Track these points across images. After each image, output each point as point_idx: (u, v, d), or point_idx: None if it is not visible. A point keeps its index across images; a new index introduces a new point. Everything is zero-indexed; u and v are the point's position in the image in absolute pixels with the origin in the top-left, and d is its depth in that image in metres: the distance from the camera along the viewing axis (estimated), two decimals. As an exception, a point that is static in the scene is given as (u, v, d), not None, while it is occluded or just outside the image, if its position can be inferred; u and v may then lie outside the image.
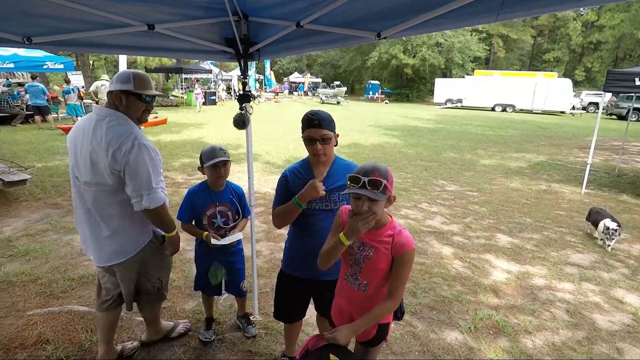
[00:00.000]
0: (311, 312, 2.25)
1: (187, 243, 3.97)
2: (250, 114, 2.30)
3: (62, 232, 4.17)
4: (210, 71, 25.27)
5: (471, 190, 6.55)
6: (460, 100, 28.21)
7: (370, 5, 1.83)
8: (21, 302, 2.87)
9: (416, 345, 2.59)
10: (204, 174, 2.33)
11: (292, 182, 1.86)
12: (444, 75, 33.90)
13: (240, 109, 2.26)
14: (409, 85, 36.91)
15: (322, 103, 27.67)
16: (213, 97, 22.64)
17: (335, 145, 1.84)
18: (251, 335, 2.57)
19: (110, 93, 1.90)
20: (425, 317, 2.89)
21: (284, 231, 2.09)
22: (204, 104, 20.62)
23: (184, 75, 25.49)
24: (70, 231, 4.19)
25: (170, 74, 27.66)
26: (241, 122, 2.24)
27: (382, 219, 1.52)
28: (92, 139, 1.83)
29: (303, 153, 1.86)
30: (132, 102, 1.89)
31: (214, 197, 2.33)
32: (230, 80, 27.99)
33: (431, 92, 32.79)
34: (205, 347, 2.47)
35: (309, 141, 1.77)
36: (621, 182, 7.45)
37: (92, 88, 12.01)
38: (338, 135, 1.83)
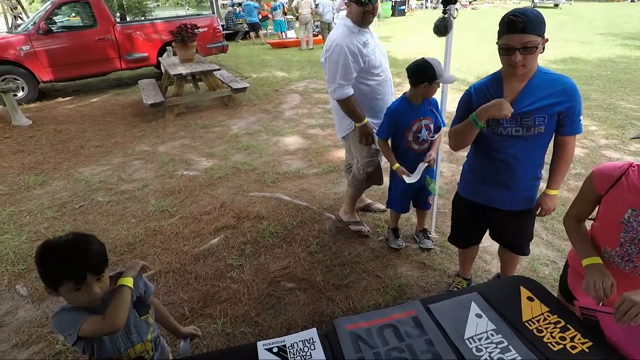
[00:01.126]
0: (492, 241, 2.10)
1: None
2: (454, 17, 2.03)
3: (271, 134, 5.00)
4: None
5: None
6: None
7: None
8: (245, 185, 3.70)
9: None
10: None
11: (476, 101, 1.61)
12: None
13: (444, 12, 2.01)
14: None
15: (534, 7, 22.37)
16: (402, 7, 21.28)
17: (542, 52, 1.43)
18: (426, 247, 2.65)
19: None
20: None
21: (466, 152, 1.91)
22: (392, 15, 19.74)
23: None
24: (277, 134, 4.99)
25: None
26: (443, 27, 2.01)
27: None
28: None
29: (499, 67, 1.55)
30: (353, 7, 2.18)
31: (417, 111, 2.23)
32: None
33: None
34: (385, 252, 2.69)
35: (505, 50, 1.42)
36: None
37: (294, 4, 12.95)
38: (547, 39, 1.42)
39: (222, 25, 11.51)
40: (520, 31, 1.35)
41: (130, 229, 3.04)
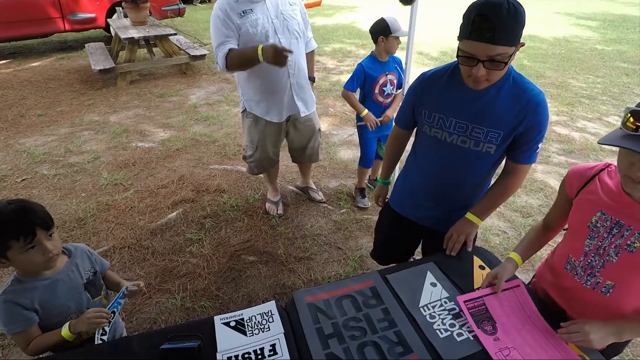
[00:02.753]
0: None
1: (332, 128, 4.15)
2: (419, -14, 1.99)
3: (232, 105, 4.81)
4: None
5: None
6: None
7: None
8: (205, 157, 3.56)
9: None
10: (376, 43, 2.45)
11: (421, 92, 1.37)
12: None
13: (409, -21, 1.96)
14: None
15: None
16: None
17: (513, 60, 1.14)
18: (364, 206, 2.88)
19: None
20: None
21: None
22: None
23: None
24: (238, 104, 4.80)
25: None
26: (408, -3, 1.97)
27: None
28: None
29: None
30: None
31: (384, 67, 2.48)
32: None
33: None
34: (347, 224, 2.72)
35: (466, 59, 1.12)
36: None
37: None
38: (523, 44, 1.14)
39: (179, -13, 10.70)
40: (487, 40, 1.04)
41: (81, 204, 2.86)
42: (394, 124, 1.60)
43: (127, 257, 2.39)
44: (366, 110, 2.53)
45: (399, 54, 2.52)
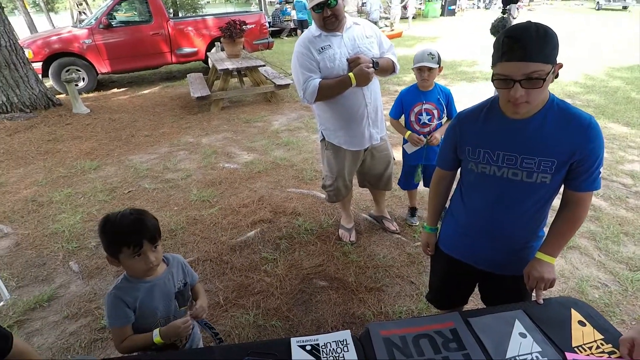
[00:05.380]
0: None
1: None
2: (515, 17, 1.93)
3: (311, 131, 5.02)
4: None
5: None
6: None
7: None
8: (283, 180, 3.74)
9: None
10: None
11: (461, 132, 1.32)
12: None
13: (503, 12, 1.92)
14: None
15: (598, 9, 20.78)
16: (452, 7, 20.69)
17: (553, 81, 1.11)
18: (410, 224, 2.98)
19: None
20: None
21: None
22: (441, 14, 19.28)
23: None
24: (317, 131, 4.99)
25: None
26: (502, 27, 1.94)
27: None
28: None
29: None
30: (313, 14, 2.08)
31: (422, 96, 2.51)
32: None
33: None
34: (421, 259, 2.62)
35: (502, 82, 1.09)
36: None
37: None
38: (561, 65, 1.10)
39: (269, 22, 11.71)
40: (520, 58, 1.04)
41: (173, 217, 3.17)
42: (436, 167, 1.53)
43: (208, 270, 2.57)
44: (408, 132, 2.59)
45: (453, 84, 2.47)
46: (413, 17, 17.22)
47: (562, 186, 1.26)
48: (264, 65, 6.33)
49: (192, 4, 17.96)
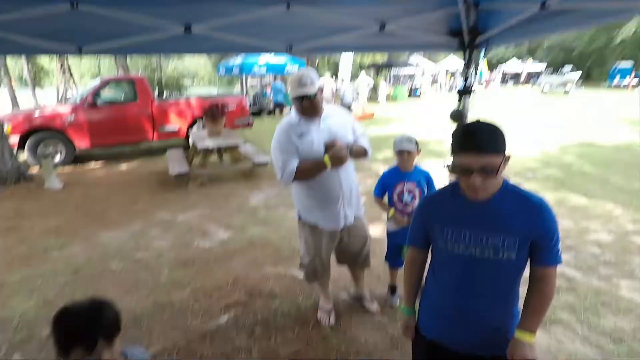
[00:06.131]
0: None
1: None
2: (469, 109, 2.14)
3: (289, 208, 5.03)
4: (416, 65, 25.32)
5: None
6: None
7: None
8: (260, 259, 3.64)
9: None
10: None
11: (428, 210, 1.43)
12: None
13: (459, 100, 2.13)
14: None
15: (543, 92, 23.43)
16: (417, 90, 23.04)
17: (504, 169, 1.22)
18: (393, 305, 2.88)
19: None
20: None
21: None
22: (408, 96, 21.41)
23: (392, 72, 26.42)
24: (293, 208, 5.02)
25: (380, 70, 29.07)
26: (459, 117, 2.12)
27: None
28: None
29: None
30: (294, 102, 2.21)
31: (403, 176, 2.61)
32: (437, 74, 27.40)
33: None
34: (404, 342, 2.50)
35: (461, 171, 1.21)
36: None
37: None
38: (509, 157, 1.22)
39: (250, 104, 12.39)
40: (477, 151, 1.16)
41: (139, 302, 2.96)
42: (407, 247, 1.57)
43: (175, 362, 2.34)
44: (392, 210, 2.63)
45: (424, 159, 2.60)
46: (386, 99, 19.85)
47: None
48: (243, 144, 6.53)
49: (177, 84, 18.98)
